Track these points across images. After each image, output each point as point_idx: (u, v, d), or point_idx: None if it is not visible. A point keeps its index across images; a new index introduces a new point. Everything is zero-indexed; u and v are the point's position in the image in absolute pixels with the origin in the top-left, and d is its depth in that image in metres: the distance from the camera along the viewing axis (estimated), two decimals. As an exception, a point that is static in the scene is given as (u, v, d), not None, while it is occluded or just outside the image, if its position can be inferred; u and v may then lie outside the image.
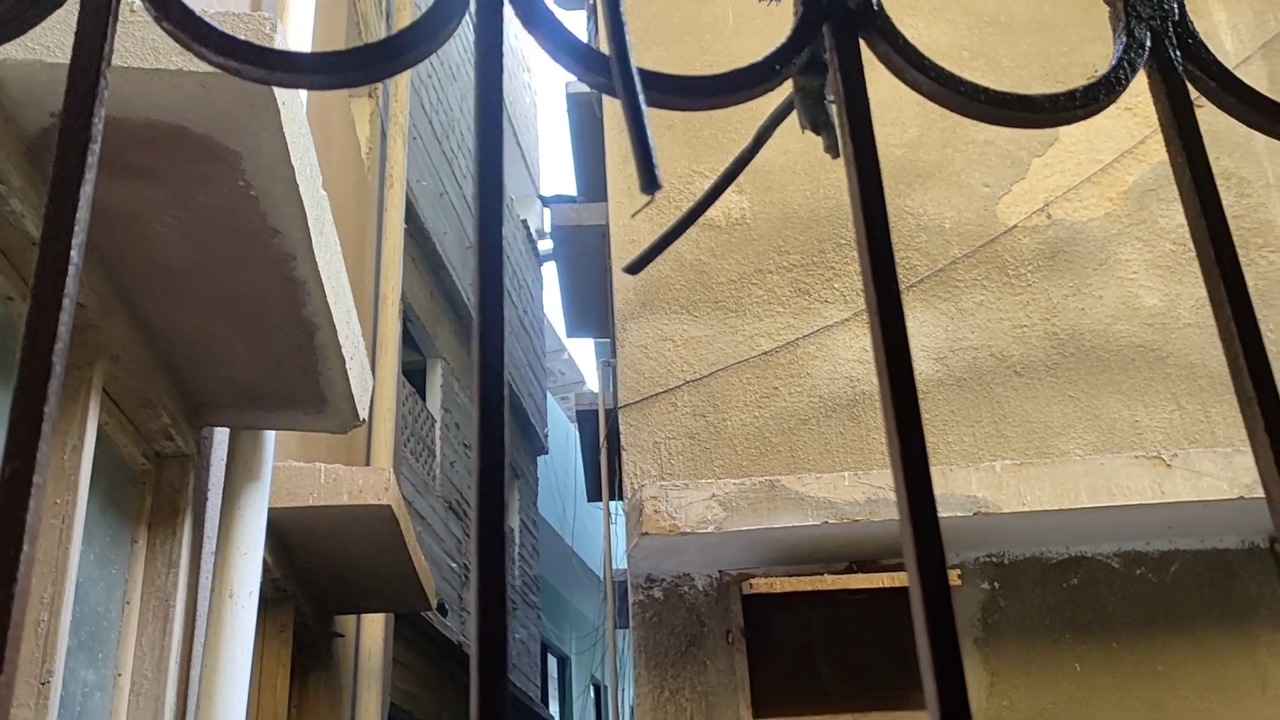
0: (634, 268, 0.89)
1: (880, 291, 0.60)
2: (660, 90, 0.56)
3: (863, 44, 0.58)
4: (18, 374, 0.46)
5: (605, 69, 0.55)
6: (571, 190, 12.18)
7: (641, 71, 0.53)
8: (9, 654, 0.41)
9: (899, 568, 5.08)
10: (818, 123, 0.64)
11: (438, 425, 10.12)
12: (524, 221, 15.03)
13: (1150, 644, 5.03)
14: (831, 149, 0.67)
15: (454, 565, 9.96)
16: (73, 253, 0.50)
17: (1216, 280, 0.67)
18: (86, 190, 0.50)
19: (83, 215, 0.50)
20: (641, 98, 0.51)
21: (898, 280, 0.56)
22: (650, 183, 0.48)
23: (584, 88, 8.02)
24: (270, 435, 3.74)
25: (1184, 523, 4.93)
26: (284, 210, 2.62)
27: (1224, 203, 4.75)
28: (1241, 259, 5.19)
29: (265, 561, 4.22)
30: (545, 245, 15.17)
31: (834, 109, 0.56)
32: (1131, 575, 5.17)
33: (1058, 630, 5.09)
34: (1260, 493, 4.63)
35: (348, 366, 3.36)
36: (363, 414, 3.67)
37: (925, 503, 0.56)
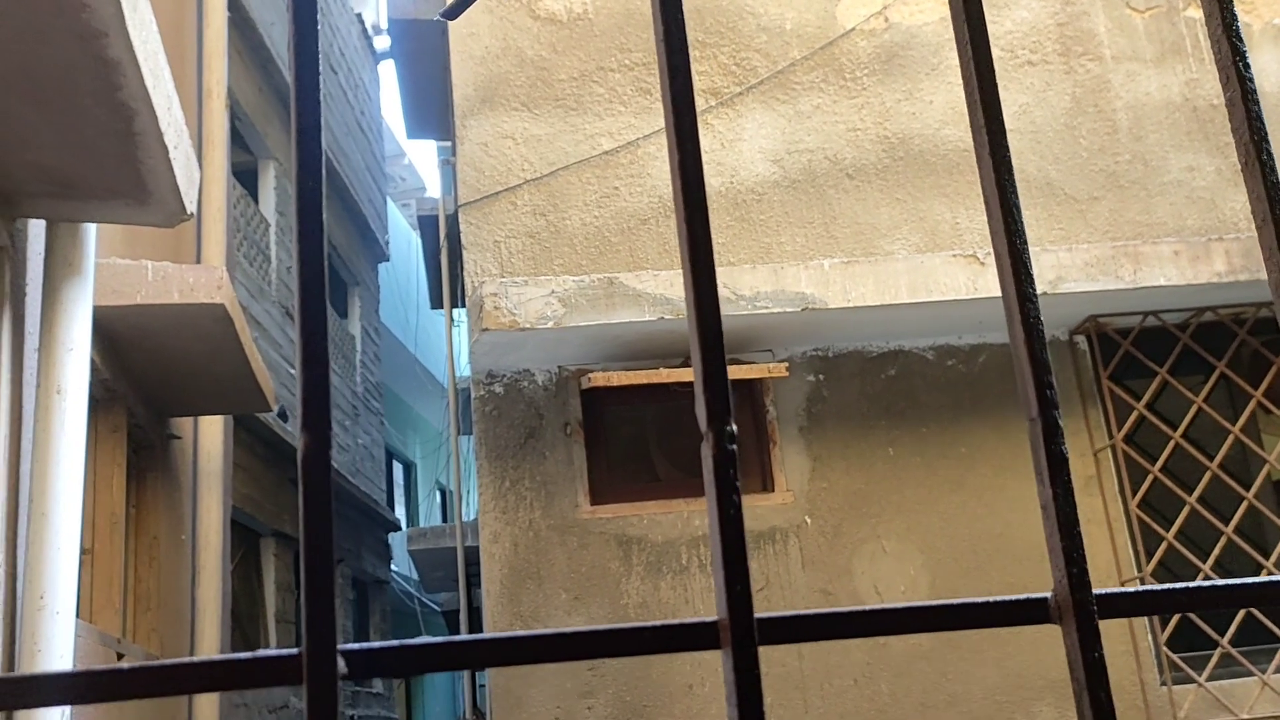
0: (451, 13, 0.90)
1: (675, 93, 0.64)
2: None
3: None
4: None
5: None
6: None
7: None
8: None
9: (731, 361, 5.31)
10: None
11: (272, 229, 9.82)
12: (359, 16, 14.27)
13: (956, 429, 5.45)
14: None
15: (292, 371, 9.87)
16: None
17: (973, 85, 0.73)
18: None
19: None
20: None
21: (692, 82, 0.60)
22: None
23: None
24: (91, 229, 3.59)
25: (993, 317, 5.28)
26: (90, -20, 2.45)
27: (1049, 10, 4.89)
28: (1061, 67, 5.38)
29: (94, 362, 4.12)
30: (382, 43, 14.48)
31: None
32: (943, 366, 5.55)
33: (874, 418, 5.45)
34: (1062, 289, 4.99)
35: (171, 156, 3.23)
36: (190, 207, 3.55)
37: (710, 301, 0.62)
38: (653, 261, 5.22)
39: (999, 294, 4.36)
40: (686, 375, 5.23)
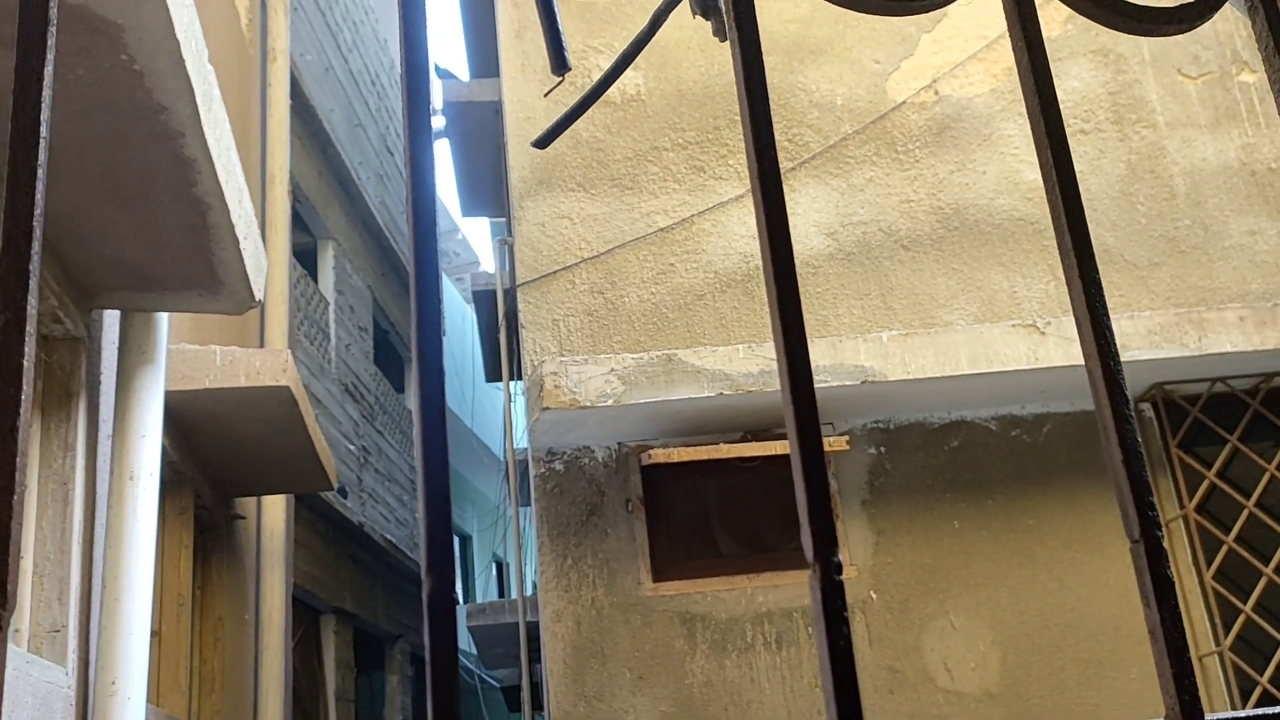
0: (542, 143, 0.93)
1: (763, 173, 0.66)
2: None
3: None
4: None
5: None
6: (463, 63, 11.88)
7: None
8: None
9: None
10: (707, 7, 0.68)
11: (331, 307, 10.00)
12: (413, 98, 14.61)
13: (1023, 500, 5.36)
14: (719, 33, 0.71)
15: (351, 447, 9.97)
16: None
17: (1045, 152, 0.75)
18: None
19: None
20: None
21: (778, 163, 0.62)
22: (560, 64, 0.52)
23: (473, -42, 7.78)
24: (164, 317, 3.69)
25: (1056, 387, 5.21)
26: (170, 86, 2.55)
27: (1100, 79, 4.89)
28: (1115, 134, 5.36)
29: (163, 445, 4.20)
30: (437, 123, 14.82)
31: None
32: (1007, 437, 5.48)
33: (938, 490, 5.38)
34: (1125, 357, 4.92)
35: (241, 246, 3.32)
36: (258, 295, 3.64)
37: (803, 370, 0.64)
38: (710, 337, 5.24)
39: (1061, 364, 4.32)
40: (747, 450, 5.22)
